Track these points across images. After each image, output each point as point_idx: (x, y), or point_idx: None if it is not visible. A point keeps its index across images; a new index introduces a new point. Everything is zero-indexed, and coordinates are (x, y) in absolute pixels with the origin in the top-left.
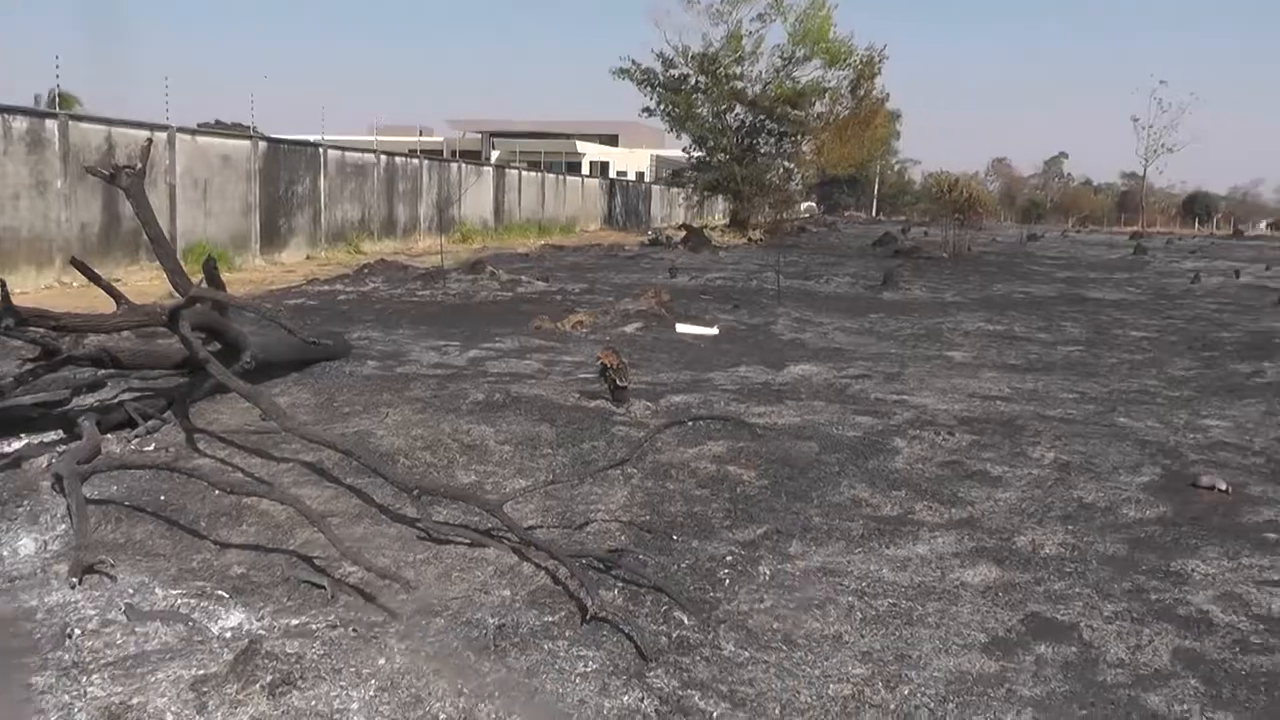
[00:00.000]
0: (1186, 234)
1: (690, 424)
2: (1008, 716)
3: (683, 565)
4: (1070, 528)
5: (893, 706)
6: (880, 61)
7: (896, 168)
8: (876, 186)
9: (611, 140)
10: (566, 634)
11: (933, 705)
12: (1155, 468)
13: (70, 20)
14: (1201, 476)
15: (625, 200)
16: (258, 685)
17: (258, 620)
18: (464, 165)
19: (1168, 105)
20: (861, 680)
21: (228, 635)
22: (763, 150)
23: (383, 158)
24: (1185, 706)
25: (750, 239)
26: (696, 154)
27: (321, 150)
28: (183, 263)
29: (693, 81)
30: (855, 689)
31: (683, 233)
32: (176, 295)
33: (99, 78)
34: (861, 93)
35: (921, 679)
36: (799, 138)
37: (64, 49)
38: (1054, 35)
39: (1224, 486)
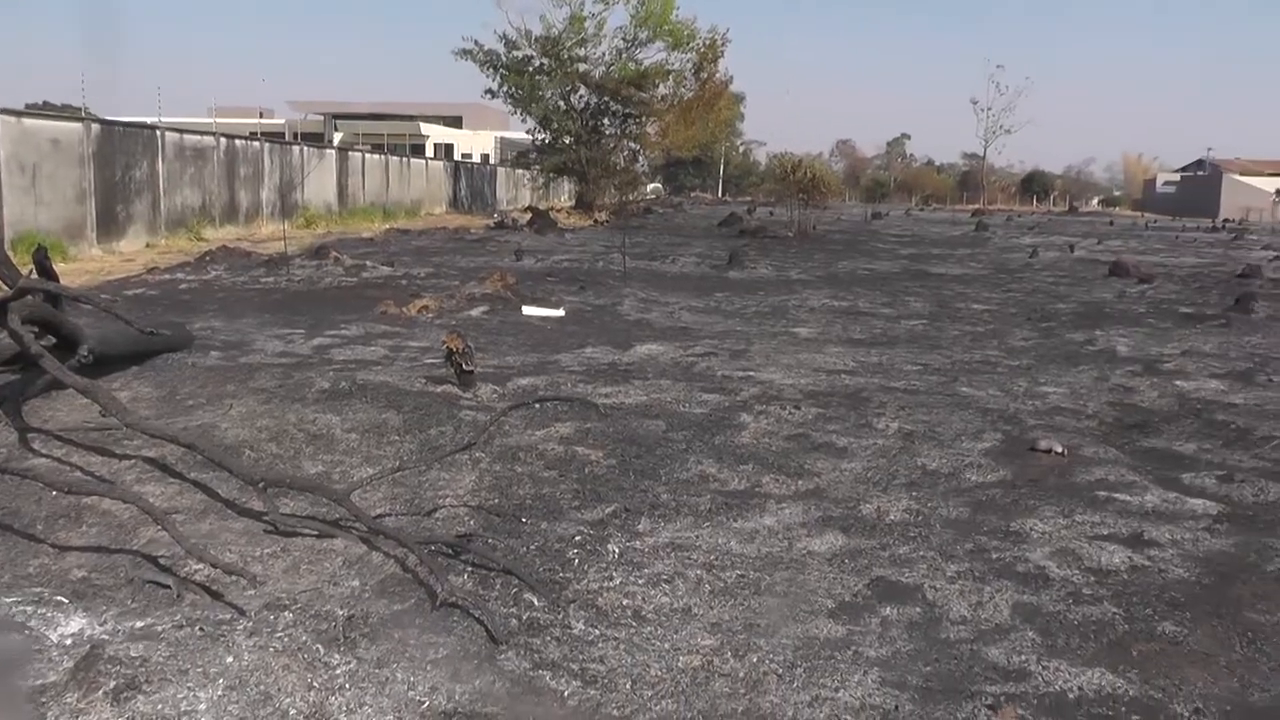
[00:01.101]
0: (1025, 211)
1: (537, 406)
2: (854, 677)
3: (532, 547)
4: (914, 494)
5: (742, 674)
6: (723, 44)
7: (741, 149)
8: (722, 167)
9: (455, 122)
10: (417, 621)
11: (781, 671)
12: (996, 434)
13: None
14: (1039, 441)
15: (470, 183)
16: (100, 692)
17: (100, 625)
18: (306, 148)
19: (1005, 89)
20: (711, 651)
21: (68, 642)
22: (608, 132)
23: (223, 141)
24: (1023, 657)
25: (596, 220)
26: (541, 136)
27: (159, 133)
28: (11, 253)
29: (536, 63)
30: (704, 660)
31: (528, 215)
32: (4, 288)
33: None
34: (705, 75)
35: (770, 646)
36: (643, 119)
37: None
38: (894, 20)
39: (1060, 449)
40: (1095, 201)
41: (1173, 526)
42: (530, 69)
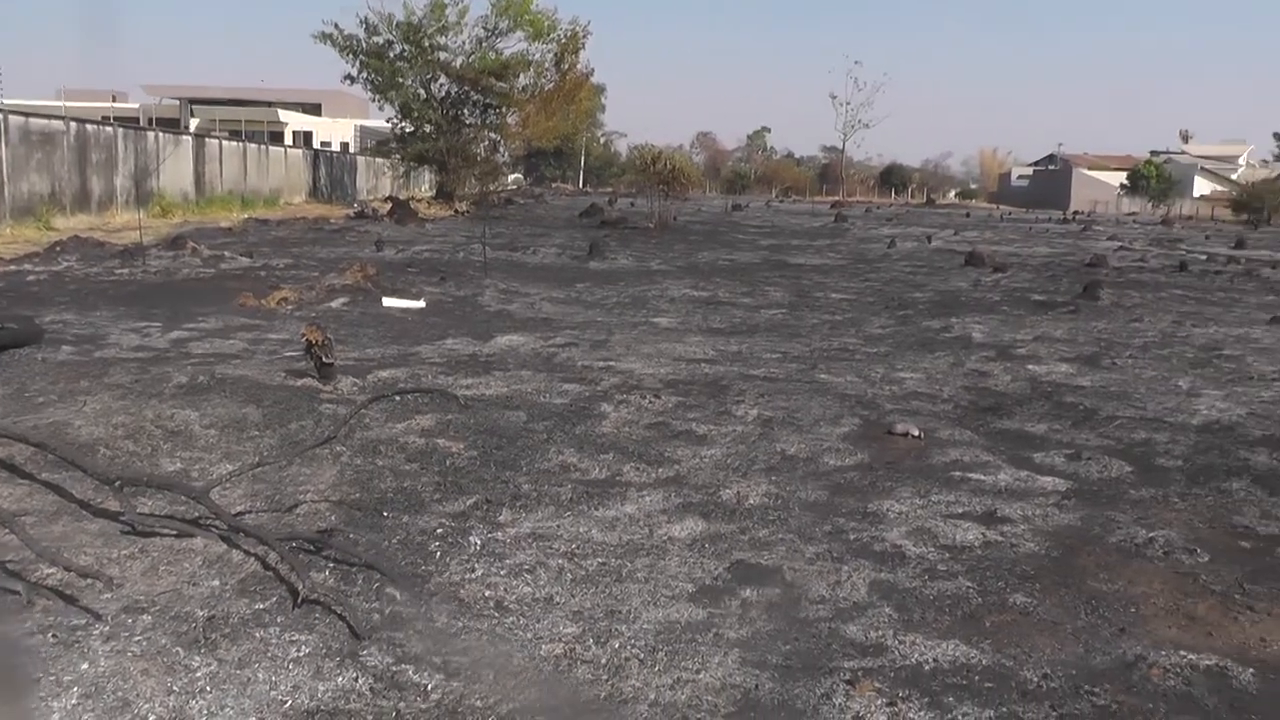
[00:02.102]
0: (884, 203)
1: (398, 398)
2: (715, 659)
3: (394, 541)
4: (774, 479)
5: (604, 661)
6: (584, 36)
7: (602, 140)
8: (583, 159)
9: (314, 109)
10: (279, 620)
11: (643, 656)
12: (854, 419)
13: None
14: (896, 424)
15: (330, 172)
16: None
17: None
18: (162, 134)
19: (863, 85)
20: (573, 638)
21: None
22: (468, 122)
23: (73, 125)
24: (880, 632)
25: (457, 211)
26: (402, 125)
27: (2, 116)
28: None
29: (397, 50)
30: (567, 648)
31: (389, 205)
32: None
33: None
34: (566, 66)
35: (632, 632)
36: (504, 110)
37: None
38: (755, 15)
39: (916, 432)
40: (952, 194)
41: (1024, 503)
42: (391, 55)
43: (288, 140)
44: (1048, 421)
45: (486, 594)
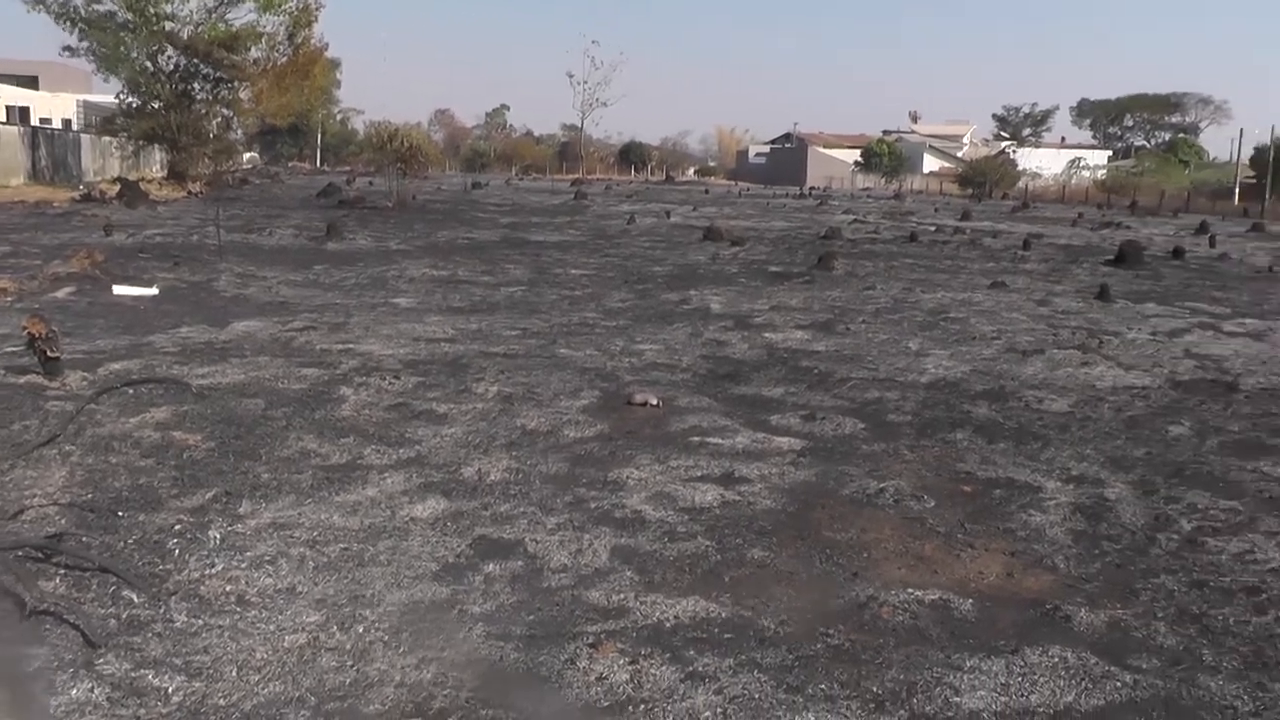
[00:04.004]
0: (624, 180)
1: (130, 391)
2: (460, 635)
3: (130, 541)
4: (514, 454)
5: (349, 646)
6: (317, 9)
7: (339, 117)
8: (320, 136)
9: (31, 82)
10: (4, 635)
11: (387, 638)
12: (594, 391)
13: None
14: (635, 394)
15: (52, 151)
16: None
17: None
18: None
19: (600, 64)
20: (316, 627)
21: None
22: (199, 97)
23: None
24: (622, 595)
25: (190, 192)
26: (129, 100)
27: None
28: None
29: (120, 19)
30: (310, 636)
31: (118, 187)
32: None
33: None
34: (299, 40)
35: (375, 615)
36: (236, 84)
37: None
38: None
39: (655, 401)
40: (691, 171)
41: (761, 463)
42: (113, 25)
43: (0, 116)
44: (784, 385)
45: (227, 589)
